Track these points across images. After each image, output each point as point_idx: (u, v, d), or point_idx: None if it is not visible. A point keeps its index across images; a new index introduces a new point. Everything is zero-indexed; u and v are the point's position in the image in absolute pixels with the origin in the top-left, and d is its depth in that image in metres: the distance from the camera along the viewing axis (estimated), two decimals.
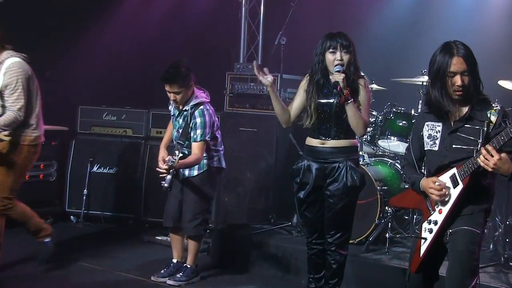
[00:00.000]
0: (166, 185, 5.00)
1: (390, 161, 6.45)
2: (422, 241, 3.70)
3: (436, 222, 3.69)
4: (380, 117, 6.41)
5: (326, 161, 4.41)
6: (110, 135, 7.59)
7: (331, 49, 4.35)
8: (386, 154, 6.61)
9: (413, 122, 6.11)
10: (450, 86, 3.60)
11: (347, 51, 4.35)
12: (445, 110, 3.66)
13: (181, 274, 5.47)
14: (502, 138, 3.38)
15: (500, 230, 5.83)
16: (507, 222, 5.84)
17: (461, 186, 3.59)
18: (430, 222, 3.71)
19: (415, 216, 5.91)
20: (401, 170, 4.85)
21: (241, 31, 8.03)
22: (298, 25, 7.14)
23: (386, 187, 6.05)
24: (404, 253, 5.69)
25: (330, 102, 4.41)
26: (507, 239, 5.68)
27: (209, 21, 8.22)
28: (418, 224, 3.87)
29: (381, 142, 6.50)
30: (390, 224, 5.85)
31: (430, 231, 3.70)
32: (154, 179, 7.00)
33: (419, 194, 3.80)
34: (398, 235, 6.11)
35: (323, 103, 4.43)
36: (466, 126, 3.63)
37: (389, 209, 5.92)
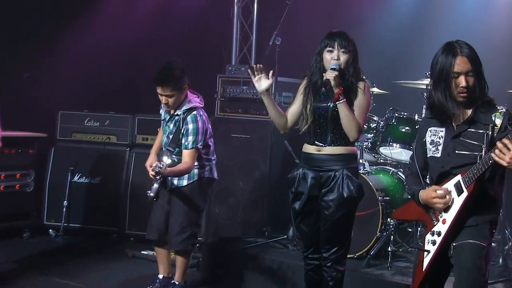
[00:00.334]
0: (152, 194, 4.98)
1: (392, 169, 6.48)
2: (425, 254, 3.71)
3: (439, 233, 3.70)
4: (381, 122, 6.44)
5: (322, 169, 4.41)
6: (92, 142, 7.59)
7: (329, 47, 4.38)
8: (388, 162, 6.64)
9: (416, 128, 6.12)
10: (454, 88, 3.63)
11: (346, 51, 4.37)
12: (449, 113, 3.69)
13: None
14: None
15: (510, 244, 5.85)
16: None
17: (465, 193, 3.61)
18: (433, 234, 3.73)
19: (419, 228, 5.91)
20: (405, 180, 4.87)
21: (233, 31, 8.06)
22: (294, 24, 7.18)
23: (388, 198, 6.08)
24: (407, 268, 5.70)
25: (326, 105, 4.42)
26: None
27: (199, 20, 8.26)
28: (422, 236, 3.88)
29: (382, 150, 6.52)
30: (392, 237, 5.86)
31: (433, 243, 3.71)
32: (140, 190, 7.05)
33: (420, 206, 3.83)
34: (401, 249, 6.13)
35: (319, 106, 4.45)
36: (469, 130, 3.66)
37: (391, 221, 5.94)
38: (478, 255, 3.57)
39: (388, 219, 5.98)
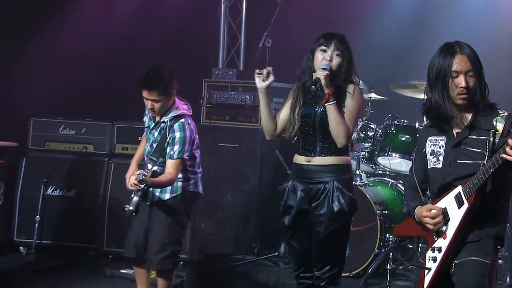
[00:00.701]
0: (131, 208, 4.96)
1: (392, 181, 6.51)
2: (426, 271, 3.72)
3: (440, 249, 3.71)
4: (379, 130, 6.47)
5: (312, 181, 4.40)
6: (68, 152, 7.56)
7: (323, 46, 4.39)
8: (387, 173, 6.67)
9: (417, 136, 6.10)
10: (453, 89, 3.64)
11: (340, 54, 4.39)
12: (447, 117, 3.70)
13: None
14: None
15: None
16: None
17: (466, 205, 3.62)
18: (434, 250, 3.74)
19: (420, 244, 5.93)
20: (404, 192, 4.87)
21: (220, 32, 8.10)
22: (285, 25, 7.22)
23: (386, 212, 6.11)
24: (408, 287, 5.73)
25: (315, 110, 4.42)
26: None
27: (183, 20, 8.26)
28: (423, 253, 3.88)
29: (381, 160, 6.56)
30: (391, 254, 5.87)
31: (434, 260, 3.71)
32: (119, 203, 7.01)
33: (417, 224, 3.85)
34: (401, 267, 6.15)
35: (308, 112, 4.46)
36: (470, 137, 3.67)
37: (390, 236, 5.96)
38: (481, 273, 3.57)
39: (387, 235, 6.01)
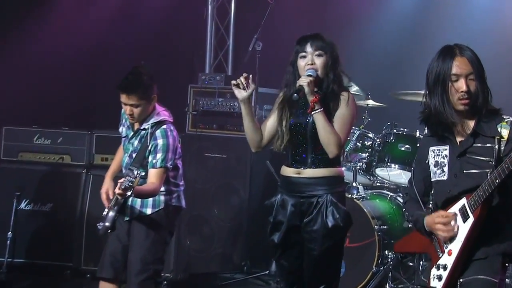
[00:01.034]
0: (108, 224, 4.88)
1: (391, 194, 6.52)
2: None
3: (445, 267, 3.69)
4: (377, 140, 6.48)
5: (303, 194, 4.37)
6: (43, 163, 7.53)
7: (301, 53, 4.38)
8: (386, 185, 6.69)
9: (417, 146, 6.14)
10: (454, 94, 3.63)
11: (321, 53, 4.35)
12: (448, 124, 3.68)
13: None
14: None
15: None
16: None
17: (472, 219, 3.60)
18: (438, 267, 3.72)
19: (422, 262, 5.93)
20: (403, 207, 4.87)
21: (207, 34, 8.11)
22: (277, 27, 7.23)
23: (385, 227, 6.11)
24: None
25: (306, 121, 4.40)
26: None
27: (166, 22, 8.27)
28: (425, 271, 3.88)
29: (379, 171, 6.57)
30: (391, 272, 5.88)
31: (439, 278, 3.69)
32: (98, 219, 6.94)
33: (424, 235, 3.83)
34: (400, 286, 6.14)
35: (297, 123, 4.43)
36: (475, 145, 3.66)
37: (389, 253, 5.96)
38: None
39: (385, 252, 6.00)
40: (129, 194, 4.74)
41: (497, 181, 3.48)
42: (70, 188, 7.38)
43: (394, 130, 6.42)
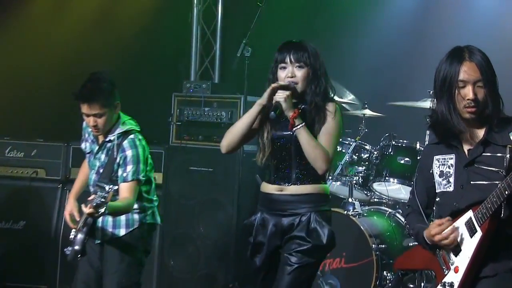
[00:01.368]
0: (77, 247, 4.79)
1: (389, 210, 6.51)
2: None
3: (452, 285, 3.67)
4: (375, 152, 6.49)
5: (284, 213, 4.36)
6: (15, 178, 7.50)
7: (281, 63, 4.37)
8: (384, 201, 6.68)
9: (418, 159, 6.15)
10: (460, 101, 3.63)
11: (302, 65, 4.33)
12: (455, 131, 3.68)
13: None
14: None
15: None
16: None
17: (479, 233, 3.59)
18: (445, 286, 3.70)
19: (423, 283, 5.91)
20: (404, 220, 4.87)
21: (192, 39, 8.07)
22: (267, 31, 7.21)
23: (384, 246, 6.10)
24: None
25: (290, 134, 4.37)
26: None
27: (148, 26, 8.25)
28: None
29: (377, 186, 6.57)
30: None
31: None
32: None
33: (426, 249, 3.81)
34: None
35: (281, 136, 4.41)
36: (484, 154, 3.65)
37: (388, 274, 5.94)
38: None
39: (384, 272, 6.00)
40: (102, 211, 4.61)
41: (506, 192, 3.47)
42: (44, 204, 7.36)
43: (393, 142, 6.42)
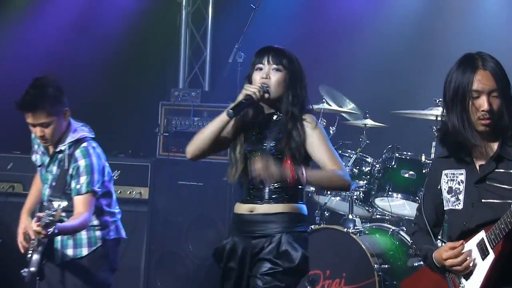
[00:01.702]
0: (33, 269, 4.71)
1: (393, 228, 6.47)
2: None
3: None
4: (377, 165, 6.46)
5: (254, 235, 4.29)
6: None
7: (258, 64, 4.32)
8: (387, 218, 6.63)
9: (424, 172, 6.16)
10: (474, 112, 3.61)
11: (279, 68, 4.28)
12: (467, 146, 3.66)
13: None
14: None
15: None
16: None
17: (492, 256, 3.56)
18: None
19: None
20: (410, 239, 4.85)
21: (180, 44, 8.07)
22: (261, 36, 7.19)
23: (387, 266, 6.07)
24: None
25: (262, 147, 4.30)
26: None
27: (134, 30, 8.23)
28: None
29: (379, 201, 6.55)
30: None
31: None
32: None
33: (435, 272, 3.78)
34: None
35: (253, 150, 4.33)
36: (497, 170, 3.63)
37: None
38: None
39: None
40: (51, 231, 4.52)
41: None
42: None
43: (396, 154, 6.39)
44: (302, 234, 4.34)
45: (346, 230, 6.23)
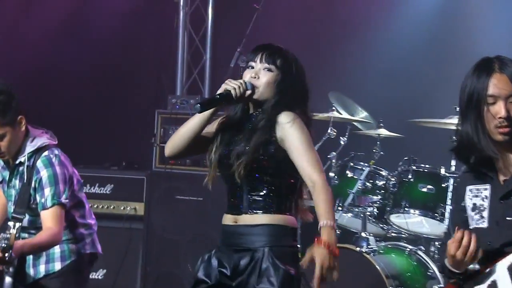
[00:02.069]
0: None
1: (410, 247, 6.41)
2: None
3: None
4: (392, 179, 6.42)
5: (238, 247, 4.23)
6: None
7: (250, 62, 4.28)
8: (403, 236, 6.61)
9: (443, 186, 6.13)
10: (490, 120, 3.59)
11: (270, 69, 4.22)
12: (485, 156, 3.62)
13: None
14: None
15: None
16: None
17: None
18: None
19: None
20: (438, 261, 4.83)
21: (178, 47, 8.08)
22: (264, 38, 7.14)
23: None
24: None
25: (235, 150, 4.23)
26: None
27: (127, 32, 8.25)
28: None
29: (395, 218, 6.51)
30: None
31: None
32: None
33: (456, 279, 3.73)
34: None
35: (224, 154, 4.28)
36: None
37: None
38: None
39: None
40: (8, 257, 4.50)
41: None
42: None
43: (413, 167, 6.36)
44: (287, 250, 4.24)
45: (358, 249, 6.19)
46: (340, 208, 6.46)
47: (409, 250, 6.38)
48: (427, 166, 6.37)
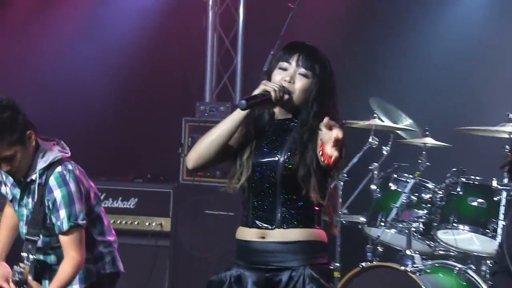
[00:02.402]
0: None
1: (459, 266, 6.37)
2: None
3: None
4: (439, 192, 6.39)
5: (268, 266, 4.16)
6: None
7: (282, 62, 4.18)
8: (452, 254, 6.56)
9: (495, 200, 6.06)
10: None
11: (307, 74, 4.15)
12: None
13: None
14: None
15: None
16: None
17: None
18: None
19: None
20: (490, 281, 4.79)
21: (207, 50, 8.08)
22: (300, 40, 7.15)
23: None
24: None
25: (274, 160, 4.19)
26: None
27: (153, 34, 8.26)
28: None
29: (442, 235, 6.45)
30: None
31: None
32: None
33: None
34: None
35: (262, 162, 4.21)
36: None
37: None
38: None
39: None
40: None
41: None
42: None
43: (462, 179, 6.32)
44: (326, 266, 4.25)
45: (403, 268, 6.17)
46: (382, 223, 6.44)
47: (458, 269, 6.34)
48: (478, 178, 6.33)
